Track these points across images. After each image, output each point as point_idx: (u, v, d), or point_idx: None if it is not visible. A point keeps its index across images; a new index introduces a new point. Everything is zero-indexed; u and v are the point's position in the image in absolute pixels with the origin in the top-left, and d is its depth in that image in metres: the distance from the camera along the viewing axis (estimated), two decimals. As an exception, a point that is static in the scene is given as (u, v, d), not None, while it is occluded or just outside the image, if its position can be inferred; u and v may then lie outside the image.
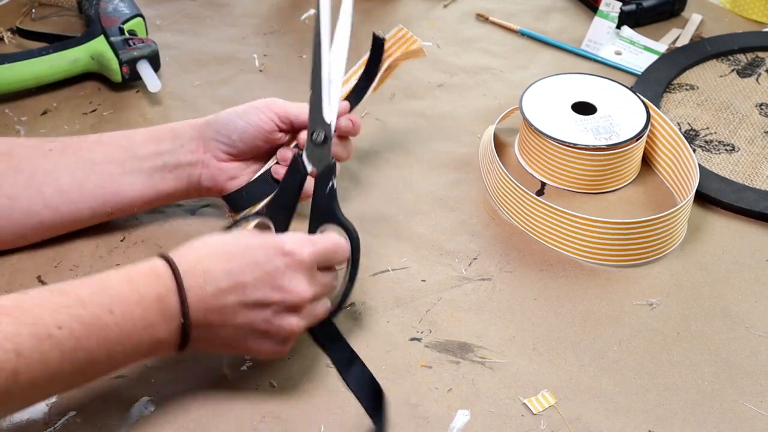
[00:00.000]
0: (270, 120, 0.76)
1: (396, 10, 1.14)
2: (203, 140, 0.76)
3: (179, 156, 0.76)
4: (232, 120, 0.76)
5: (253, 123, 0.76)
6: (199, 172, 0.77)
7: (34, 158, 0.75)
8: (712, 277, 0.79)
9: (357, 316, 0.75)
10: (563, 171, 0.86)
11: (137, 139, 0.77)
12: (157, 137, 0.77)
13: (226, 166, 0.77)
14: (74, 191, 0.75)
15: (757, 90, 1.00)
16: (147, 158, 0.76)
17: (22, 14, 1.10)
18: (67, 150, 0.76)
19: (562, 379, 0.70)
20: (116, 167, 0.76)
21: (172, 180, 0.77)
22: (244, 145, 0.76)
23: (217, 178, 0.77)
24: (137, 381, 0.69)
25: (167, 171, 0.76)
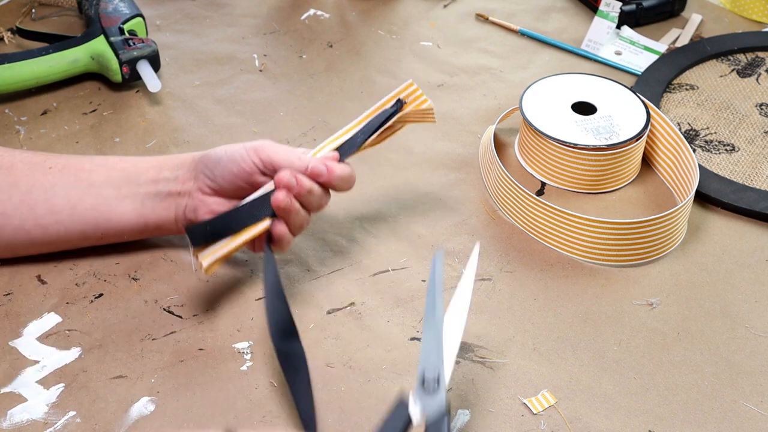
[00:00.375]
0: (252, 163, 0.73)
1: (396, 10, 1.14)
2: (194, 172, 0.75)
3: (172, 186, 0.75)
4: (219, 157, 0.74)
5: (235, 163, 0.73)
6: (185, 202, 0.75)
7: (33, 174, 0.75)
8: (712, 277, 0.79)
9: (357, 316, 0.75)
10: (563, 171, 0.86)
11: (141, 165, 0.76)
12: (161, 165, 0.76)
13: (209, 199, 0.75)
14: (66, 212, 0.74)
15: (757, 90, 1.00)
16: (143, 185, 0.75)
17: (22, 14, 1.10)
18: (67, 169, 0.76)
19: (562, 379, 0.70)
20: (113, 190, 0.75)
21: (162, 210, 0.75)
22: (225, 182, 0.73)
23: (198, 210, 0.75)
24: (137, 381, 0.69)
25: (159, 200, 0.75)
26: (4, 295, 0.75)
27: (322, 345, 0.72)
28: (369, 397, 0.69)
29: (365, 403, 0.68)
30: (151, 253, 0.80)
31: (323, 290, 0.77)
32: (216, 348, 0.72)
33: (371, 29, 1.10)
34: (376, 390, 0.69)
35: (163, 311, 0.75)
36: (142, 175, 0.76)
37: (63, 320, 0.74)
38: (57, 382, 0.69)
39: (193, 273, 0.78)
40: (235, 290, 0.77)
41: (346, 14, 1.13)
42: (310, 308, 0.75)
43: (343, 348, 0.72)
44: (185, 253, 0.80)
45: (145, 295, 0.76)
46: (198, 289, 0.77)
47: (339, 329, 0.74)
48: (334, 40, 1.08)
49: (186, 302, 0.76)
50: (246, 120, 0.96)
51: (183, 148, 0.91)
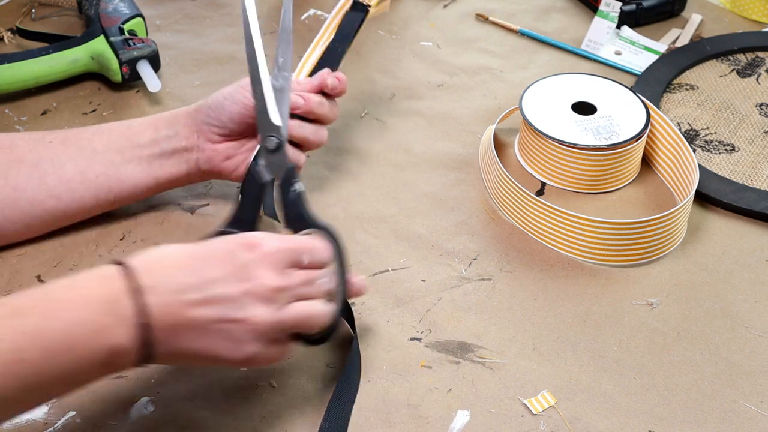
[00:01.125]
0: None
1: (396, 10, 1.14)
2: (196, 125, 0.78)
3: (175, 142, 0.78)
4: (220, 102, 0.78)
5: (239, 102, 0.77)
6: (195, 156, 0.78)
7: (36, 149, 0.76)
8: (712, 277, 0.79)
9: (357, 316, 0.75)
10: (563, 171, 0.86)
11: (136, 127, 0.79)
12: (155, 125, 0.79)
13: (221, 147, 0.78)
14: (77, 180, 0.76)
15: (757, 90, 1.00)
16: (146, 146, 0.78)
17: (22, 14, 1.10)
18: (67, 140, 0.77)
19: (562, 379, 0.70)
20: (117, 155, 0.77)
21: (171, 166, 0.78)
22: (235, 125, 0.77)
23: (213, 160, 0.78)
24: (137, 381, 0.69)
25: (165, 158, 0.78)
26: (4, 295, 0.75)
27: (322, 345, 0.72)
28: (369, 397, 0.69)
29: (365, 404, 0.68)
30: (151, 253, 0.80)
31: (323, 290, 0.77)
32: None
33: (371, 29, 1.10)
34: (376, 390, 0.69)
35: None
36: (140, 136, 0.78)
37: (63, 320, 0.74)
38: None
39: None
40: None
41: (346, 14, 1.13)
42: (310, 308, 0.75)
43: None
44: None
45: (145, 295, 0.76)
46: (198, 289, 0.77)
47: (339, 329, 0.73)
48: (334, 40, 1.08)
49: (186, 302, 0.75)
50: (246, 120, 0.96)
51: (183, 148, 0.91)
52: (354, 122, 0.95)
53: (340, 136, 0.93)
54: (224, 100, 0.78)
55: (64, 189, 0.76)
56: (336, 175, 0.89)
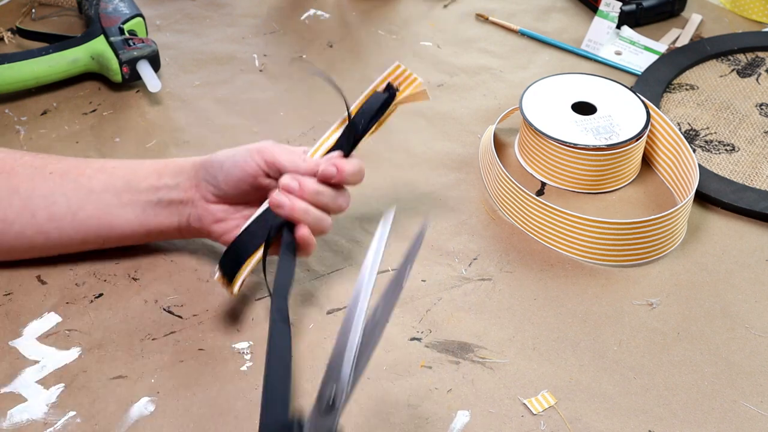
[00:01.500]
0: (256, 165, 0.72)
1: (396, 10, 1.14)
2: (196, 179, 0.74)
3: (173, 194, 0.74)
4: (221, 162, 0.73)
5: (238, 166, 0.72)
6: (188, 211, 0.75)
7: (33, 180, 0.74)
8: (712, 277, 0.79)
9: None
10: (563, 171, 0.86)
11: (140, 171, 0.75)
12: (160, 172, 0.75)
13: (214, 207, 0.74)
14: (68, 219, 0.74)
15: (757, 90, 1.00)
16: (144, 192, 0.74)
17: (22, 14, 1.10)
18: (67, 174, 0.75)
19: (562, 379, 0.70)
20: (113, 197, 0.74)
21: (165, 217, 0.75)
22: (229, 188, 0.73)
23: (203, 219, 0.74)
24: (137, 381, 0.69)
25: (161, 207, 0.75)
26: (4, 295, 0.75)
27: (322, 345, 0.72)
28: (369, 397, 0.69)
29: (365, 404, 0.68)
30: (151, 253, 0.80)
31: (323, 290, 0.77)
32: (216, 348, 0.72)
33: (371, 29, 1.10)
34: (376, 390, 0.69)
35: (163, 311, 0.75)
36: (141, 181, 0.75)
37: (63, 320, 0.74)
38: (57, 382, 0.69)
39: (193, 273, 0.78)
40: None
41: (346, 14, 1.13)
42: (310, 308, 0.75)
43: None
44: (185, 252, 0.80)
45: (145, 295, 0.76)
46: (198, 289, 0.77)
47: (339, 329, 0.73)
48: (334, 40, 1.08)
49: (186, 302, 0.75)
50: (246, 120, 0.96)
51: (183, 148, 0.91)
52: (354, 122, 0.95)
53: (340, 136, 0.93)
54: (225, 160, 0.73)
55: (53, 227, 0.74)
56: (336, 175, 0.89)
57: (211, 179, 0.73)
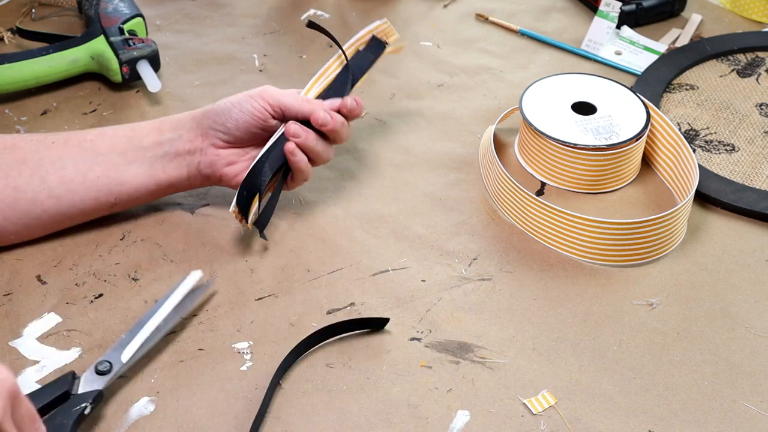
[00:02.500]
0: (263, 108, 0.78)
1: (396, 10, 1.14)
2: (201, 129, 0.79)
3: (178, 145, 0.78)
4: (227, 109, 0.78)
5: (247, 111, 0.78)
6: (197, 159, 0.79)
7: (38, 150, 0.76)
8: (712, 277, 0.79)
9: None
10: (563, 171, 0.86)
11: (139, 130, 0.79)
12: (159, 128, 0.79)
13: (224, 152, 0.79)
14: (78, 180, 0.76)
15: (757, 90, 1.00)
16: (149, 148, 0.78)
17: (22, 14, 1.10)
18: (70, 142, 0.78)
19: (562, 379, 0.70)
20: (119, 157, 0.77)
21: (173, 169, 0.79)
22: (240, 132, 0.78)
23: (214, 165, 0.79)
24: (137, 381, 0.69)
25: (167, 160, 0.78)
26: (4, 295, 0.75)
27: (321, 345, 0.72)
28: (369, 397, 0.69)
29: (365, 404, 0.68)
30: (151, 253, 0.80)
31: (323, 290, 0.77)
32: (216, 348, 0.72)
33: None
34: (375, 390, 0.69)
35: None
36: (143, 138, 0.78)
37: (63, 320, 0.74)
38: (57, 382, 0.69)
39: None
40: (235, 290, 0.77)
41: (346, 14, 1.13)
42: (310, 308, 0.75)
43: (343, 348, 0.72)
44: (185, 252, 0.80)
45: (145, 295, 0.76)
46: (198, 289, 0.77)
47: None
48: (334, 40, 1.08)
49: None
50: (246, 120, 0.96)
51: (183, 148, 0.91)
52: (354, 122, 0.95)
53: (340, 136, 0.93)
54: (232, 107, 0.78)
55: (64, 190, 0.76)
56: (336, 175, 0.89)
57: (219, 127, 0.78)
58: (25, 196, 0.75)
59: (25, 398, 0.56)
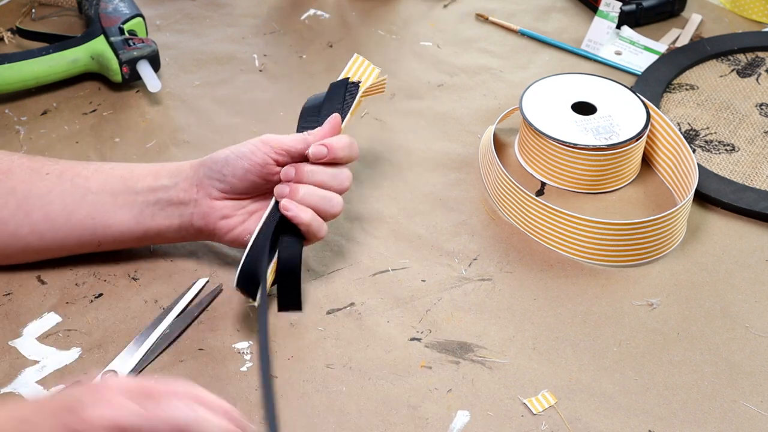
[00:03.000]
0: (263, 153, 0.73)
1: (396, 10, 1.14)
2: (197, 178, 0.74)
3: (172, 193, 0.74)
4: (225, 156, 0.73)
5: (244, 157, 0.73)
6: (191, 211, 0.74)
7: (30, 181, 0.74)
8: (712, 277, 0.79)
9: (357, 316, 0.75)
10: (563, 171, 0.86)
11: (137, 172, 0.75)
12: (157, 173, 0.75)
13: (219, 204, 0.74)
14: (62, 220, 0.73)
15: (757, 90, 1.00)
16: (141, 192, 0.74)
17: (22, 14, 1.10)
18: (64, 175, 0.75)
19: (562, 379, 0.70)
20: (110, 197, 0.74)
21: (163, 218, 0.75)
22: (237, 180, 0.73)
23: (208, 217, 0.74)
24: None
25: (159, 208, 0.74)
26: (4, 295, 0.75)
27: (322, 345, 0.72)
28: (369, 398, 0.69)
29: (365, 405, 0.68)
30: (151, 253, 0.80)
31: (323, 290, 0.77)
32: (216, 348, 0.72)
33: (371, 29, 1.10)
34: (375, 391, 0.69)
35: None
36: (139, 182, 0.74)
37: (63, 320, 0.74)
38: (57, 382, 0.69)
39: (193, 273, 0.78)
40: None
41: (346, 14, 1.13)
42: (310, 308, 0.75)
43: (343, 348, 0.72)
44: (185, 252, 0.80)
45: (145, 295, 0.76)
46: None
47: (339, 329, 0.74)
48: (334, 40, 1.08)
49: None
50: (246, 120, 0.96)
51: (183, 149, 0.91)
52: (354, 122, 0.95)
53: (340, 136, 0.93)
54: (230, 153, 0.73)
55: (48, 227, 0.73)
56: (336, 175, 0.89)
57: (215, 175, 0.73)
58: (7, 228, 0.73)
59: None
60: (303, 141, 0.74)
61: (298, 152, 0.74)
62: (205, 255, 0.79)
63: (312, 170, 0.74)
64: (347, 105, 0.80)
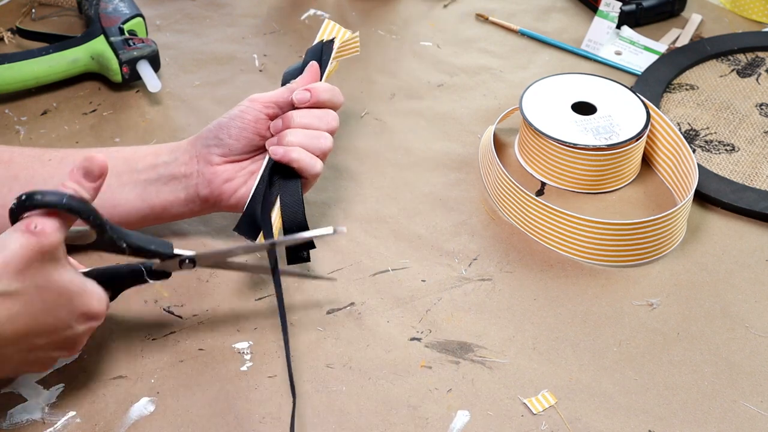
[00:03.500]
0: (254, 110, 0.76)
1: (396, 10, 1.14)
2: (196, 150, 0.76)
3: (173, 168, 0.76)
4: (218, 122, 0.76)
5: (237, 117, 0.76)
6: (195, 182, 0.76)
7: (32, 167, 0.74)
8: (712, 277, 0.79)
9: (357, 316, 0.75)
10: (563, 171, 0.86)
11: (138, 153, 0.77)
12: (156, 151, 0.77)
13: (220, 168, 0.76)
14: None
15: (757, 90, 1.00)
16: (143, 171, 0.76)
17: (22, 14, 1.10)
18: (65, 160, 0.75)
19: (562, 379, 0.70)
20: (114, 179, 0.74)
21: (168, 193, 0.76)
22: (234, 140, 0.76)
23: (212, 183, 0.76)
24: (137, 381, 0.69)
25: (162, 183, 0.76)
26: (4, 295, 0.75)
27: (322, 345, 0.72)
28: (369, 398, 0.69)
29: (365, 405, 0.68)
30: (151, 253, 0.80)
31: (323, 290, 0.77)
32: (216, 348, 0.72)
33: (371, 29, 1.10)
34: (375, 391, 0.69)
35: (163, 311, 0.75)
36: (140, 161, 0.76)
37: (63, 320, 0.74)
38: (57, 382, 0.69)
39: (193, 273, 0.78)
40: (235, 290, 0.77)
41: (346, 14, 1.13)
42: (310, 308, 0.75)
43: (343, 348, 0.72)
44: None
45: (145, 295, 0.76)
46: (198, 289, 0.77)
47: (339, 329, 0.74)
48: (334, 40, 1.08)
49: (186, 302, 0.76)
50: (246, 120, 0.96)
51: (183, 148, 0.91)
52: (354, 122, 0.95)
53: (340, 136, 0.93)
54: (222, 118, 0.76)
55: None
56: (336, 175, 0.89)
57: (212, 141, 0.76)
58: None
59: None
60: (288, 90, 0.78)
61: (286, 102, 0.77)
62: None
63: (298, 114, 0.77)
64: (325, 60, 0.84)
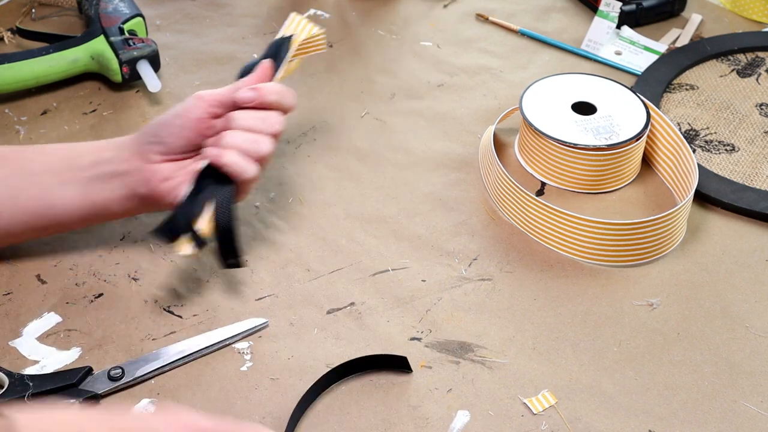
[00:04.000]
0: (198, 108, 0.74)
1: (396, 10, 1.14)
2: (137, 147, 0.74)
3: (115, 165, 0.74)
4: (160, 118, 0.75)
5: (179, 115, 0.74)
6: (134, 179, 0.73)
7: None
8: (712, 277, 0.79)
9: (357, 316, 0.75)
10: (563, 171, 0.86)
11: (79, 150, 0.75)
12: (99, 148, 0.75)
13: (159, 167, 0.74)
14: (6, 203, 0.72)
15: (757, 90, 1.00)
16: (85, 168, 0.74)
17: (22, 14, 1.10)
18: (8, 160, 0.74)
19: (562, 379, 0.70)
20: (53, 177, 0.73)
21: (109, 191, 0.74)
22: (174, 138, 0.73)
23: (150, 182, 0.73)
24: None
25: (102, 181, 0.73)
26: (3, 295, 0.75)
27: (322, 345, 0.72)
28: (369, 397, 0.69)
29: (365, 404, 0.68)
30: (151, 253, 0.80)
31: (323, 290, 0.77)
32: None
33: (371, 29, 1.10)
34: (376, 390, 0.69)
35: (163, 311, 0.75)
36: (81, 158, 0.74)
37: (63, 320, 0.74)
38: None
39: (193, 273, 0.78)
40: (235, 290, 0.77)
41: (346, 14, 1.13)
42: (310, 308, 0.75)
43: (343, 348, 0.72)
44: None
45: (145, 295, 0.76)
46: (198, 289, 0.77)
47: (339, 329, 0.74)
48: (334, 40, 1.08)
49: (186, 302, 0.76)
50: (246, 120, 0.96)
51: (183, 148, 0.91)
52: (354, 122, 0.95)
53: (340, 136, 0.93)
54: (165, 115, 0.74)
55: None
56: (336, 175, 0.89)
57: (153, 138, 0.74)
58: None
59: None
60: (234, 89, 0.75)
61: (231, 101, 0.75)
62: (206, 256, 0.79)
63: (240, 116, 0.74)
64: (282, 57, 0.80)
